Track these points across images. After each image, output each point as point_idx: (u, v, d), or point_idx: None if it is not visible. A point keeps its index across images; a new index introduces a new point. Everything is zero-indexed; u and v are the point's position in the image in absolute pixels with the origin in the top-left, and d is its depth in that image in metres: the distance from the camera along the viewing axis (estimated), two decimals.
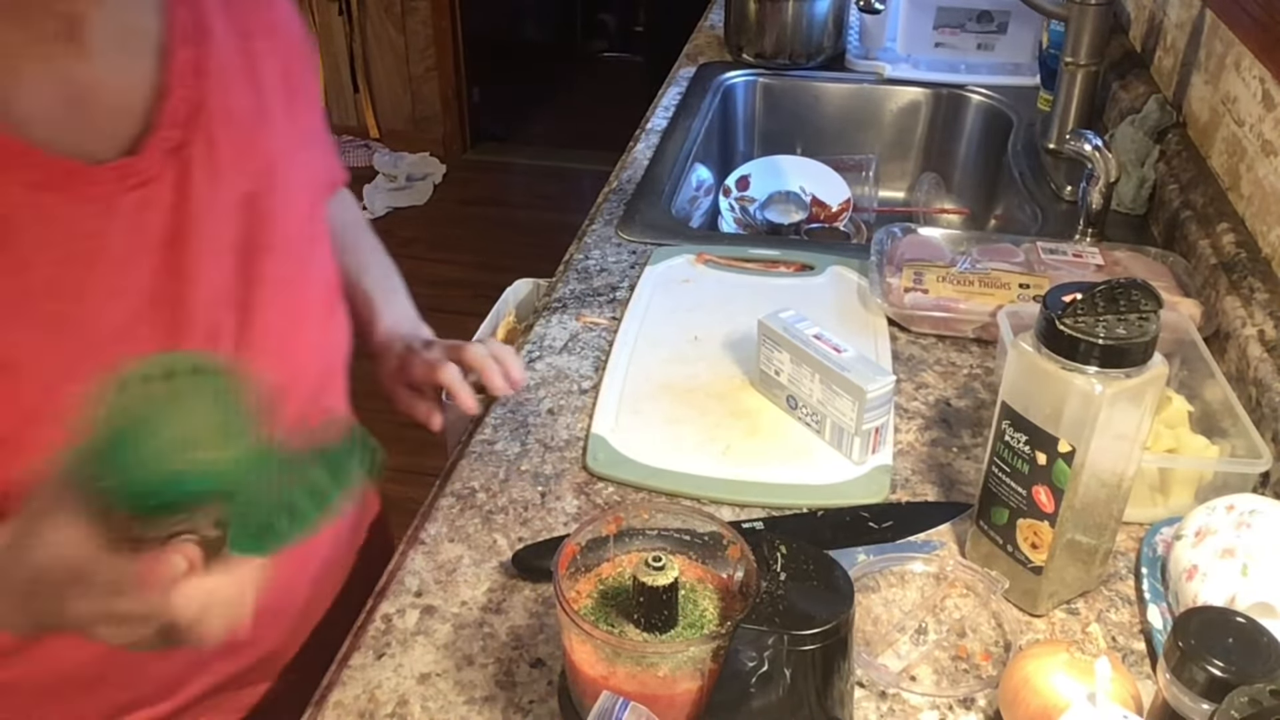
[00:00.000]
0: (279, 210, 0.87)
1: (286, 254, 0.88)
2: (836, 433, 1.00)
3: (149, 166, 0.79)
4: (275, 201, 0.87)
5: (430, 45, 3.95)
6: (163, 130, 0.80)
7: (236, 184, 0.84)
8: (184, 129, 0.81)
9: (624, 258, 1.35)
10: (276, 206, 0.87)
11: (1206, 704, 0.63)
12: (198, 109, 0.82)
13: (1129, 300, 0.75)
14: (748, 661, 0.66)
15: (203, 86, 0.83)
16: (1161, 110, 1.44)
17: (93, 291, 0.77)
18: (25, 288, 0.74)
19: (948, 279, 1.22)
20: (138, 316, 0.79)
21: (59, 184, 0.75)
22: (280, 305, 0.87)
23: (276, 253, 0.87)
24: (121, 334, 0.78)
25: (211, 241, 0.82)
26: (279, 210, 0.87)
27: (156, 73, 0.81)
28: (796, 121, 1.89)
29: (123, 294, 0.78)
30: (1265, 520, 0.80)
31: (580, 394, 1.10)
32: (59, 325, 0.75)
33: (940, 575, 0.88)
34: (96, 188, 0.77)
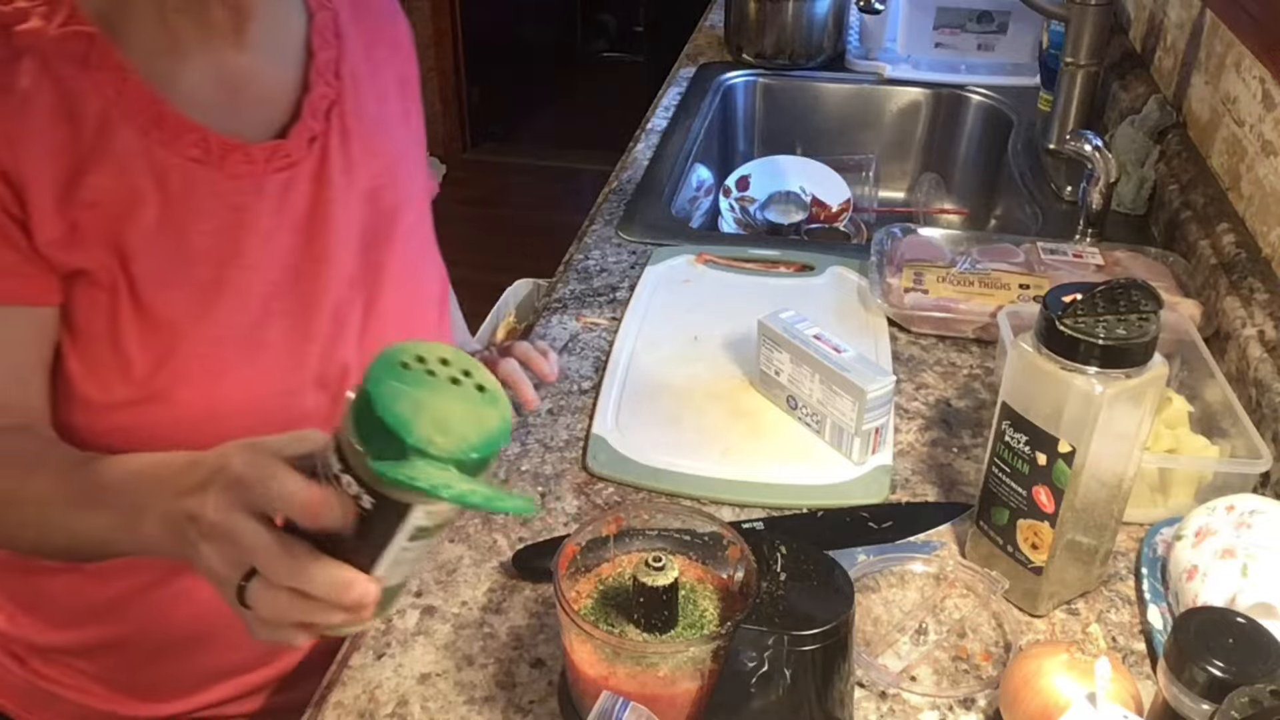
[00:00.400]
0: (399, 206, 0.95)
1: (406, 246, 0.96)
2: (836, 433, 1.00)
3: (294, 151, 0.88)
4: (396, 197, 0.95)
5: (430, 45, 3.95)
6: (305, 121, 0.89)
7: (363, 178, 0.92)
8: (323, 122, 0.90)
9: (624, 258, 1.35)
10: (397, 202, 0.95)
11: (1206, 704, 0.63)
12: (333, 105, 0.91)
13: (1129, 300, 0.75)
14: (748, 662, 0.66)
15: (339, 86, 0.92)
16: (1161, 110, 1.44)
17: (241, 262, 0.84)
18: (184, 252, 0.82)
19: (948, 279, 1.22)
20: (277, 289, 0.86)
21: (217, 159, 0.83)
22: (400, 293, 0.94)
23: (397, 244, 0.94)
24: (263, 305, 0.85)
25: (342, 227, 0.90)
26: (399, 206, 0.95)
27: (301, 69, 0.90)
28: (796, 121, 1.89)
29: (265, 267, 0.86)
30: (1265, 520, 0.80)
31: (580, 394, 1.10)
32: (212, 290, 0.83)
33: (940, 575, 0.88)
34: (249, 165, 0.85)
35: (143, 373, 0.80)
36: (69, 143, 0.78)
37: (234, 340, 0.83)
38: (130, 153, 0.80)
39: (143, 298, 0.80)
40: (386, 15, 1.01)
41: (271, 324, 0.86)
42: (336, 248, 0.89)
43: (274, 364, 0.85)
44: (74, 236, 0.78)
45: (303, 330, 0.87)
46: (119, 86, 0.79)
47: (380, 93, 0.97)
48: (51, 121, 0.77)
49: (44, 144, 0.77)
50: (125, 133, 0.79)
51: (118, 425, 0.81)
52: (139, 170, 0.80)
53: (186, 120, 0.82)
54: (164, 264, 0.81)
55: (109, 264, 0.79)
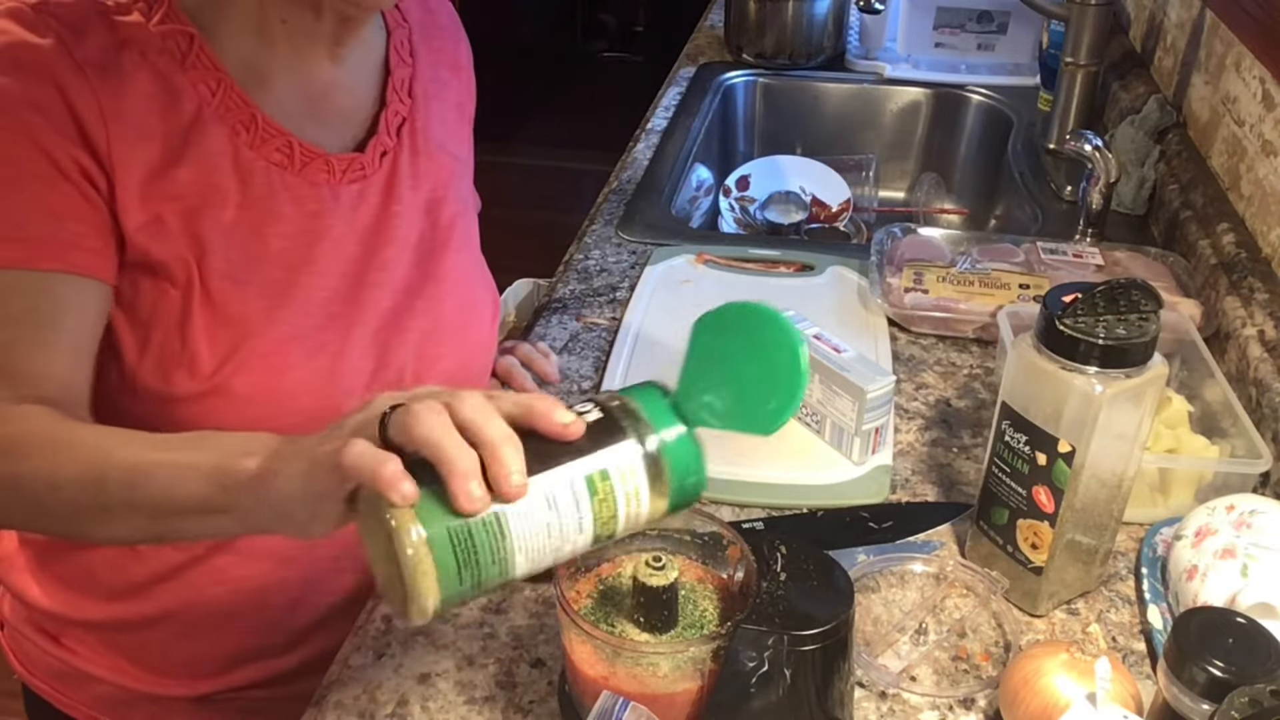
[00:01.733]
0: (455, 217, 0.98)
1: (460, 257, 0.99)
2: (836, 433, 1.00)
3: (367, 164, 0.90)
4: (452, 211, 0.98)
5: None
6: (380, 136, 0.92)
7: (424, 191, 0.95)
8: (394, 138, 0.93)
9: (624, 258, 1.35)
10: (453, 214, 0.98)
11: (1206, 704, 0.63)
12: (405, 122, 0.94)
13: (1129, 300, 0.75)
14: (748, 662, 0.66)
15: (410, 104, 0.95)
16: (1161, 110, 1.44)
17: (311, 267, 0.86)
18: (258, 253, 0.84)
19: (948, 279, 1.22)
20: (339, 294, 0.88)
21: (299, 166, 0.86)
22: (455, 302, 0.97)
23: (452, 255, 0.97)
24: (325, 308, 0.87)
25: (403, 238, 0.93)
26: (455, 217, 0.98)
27: (378, 85, 0.94)
28: (796, 121, 1.89)
29: (331, 273, 0.88)
30: (1265, 520, 0.80)
31: (580, 394, 1.10)
32: (281, 291, 0.85)
33: (940, 575, 0.88)
34: (328, 175, 0.87)
35: (209, 368, 0.81)
36: (162, 134, 0.79)
37: (297, 340, 0.85)
38: (218, 152, 0.81)
39: (214, 294, 0.81)
40: (451, 37, 1.04)
41: (332, 327, 0.87)
42: (396, 257, 0.92)
43: (332, 365, 0.87)
44: (157, 227, 0.79)
45: (361, 335, 0.89)
46: (214, 87, 0.81)
47: (443, 112, 1.00)
48: (148, 110, 0.79)
49: (139, 130, 0.78)
50: (216, 132, 0.81)
51: (173, 416, 0.81)
52: (224, 170, 0.82)
53: (276, 125, 0.84)
54: (238, 262, 0.82)
55: (185, 259, 0.80)
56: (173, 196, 0.80)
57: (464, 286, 0.99)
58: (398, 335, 0.91)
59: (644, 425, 0.59)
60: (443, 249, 0.96)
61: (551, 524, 0.57)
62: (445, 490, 0.54)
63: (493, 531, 0.55)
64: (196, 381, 0.81)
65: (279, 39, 0.84)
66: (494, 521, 0.55)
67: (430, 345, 0.93)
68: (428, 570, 0.54)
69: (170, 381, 0.81)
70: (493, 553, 0.56)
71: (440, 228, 0.97)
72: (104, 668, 0.96)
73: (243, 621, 0.93)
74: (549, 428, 0.57)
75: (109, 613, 0.93)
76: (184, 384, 0.81)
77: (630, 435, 0.59)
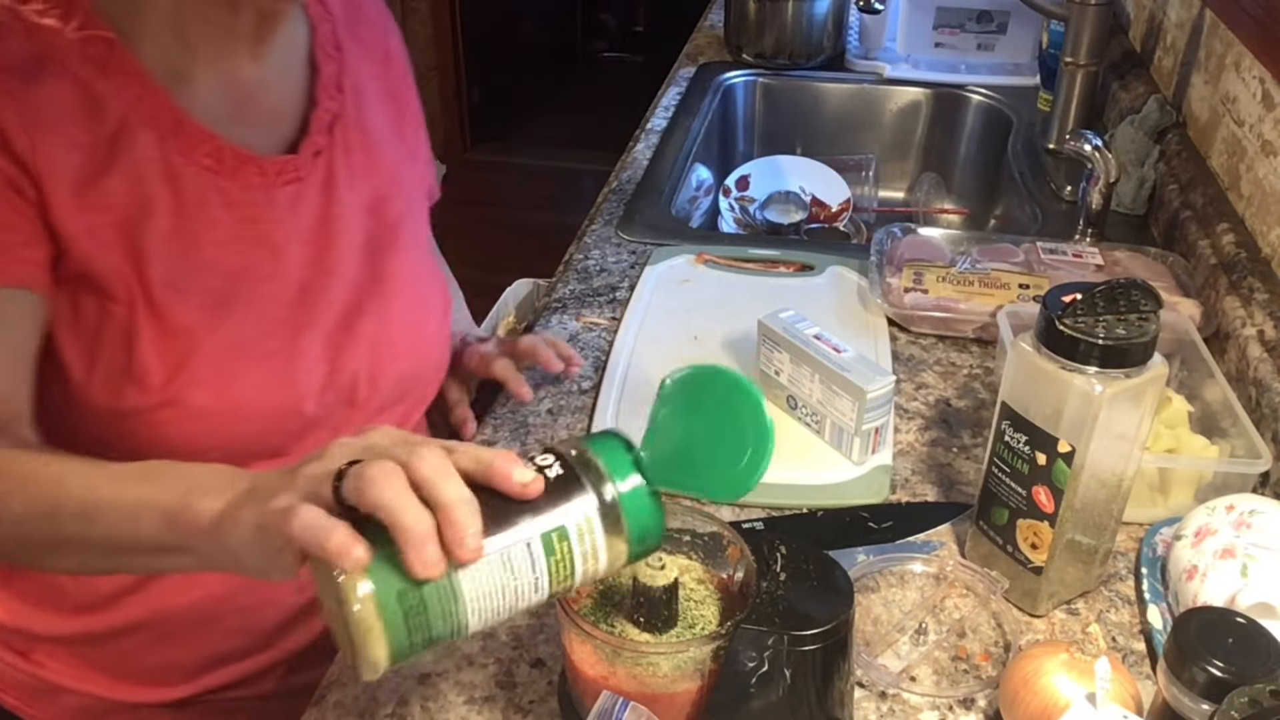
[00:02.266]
0: (401, 215, 0.96)
1: (409, 255, 0.97)
2: (836, 433, 1.00)
3: (302, 165, 0.88)
4: (397, 207, 0.96)
5: (430, 45, 3.95)
6: (312, 135, 0.89)
7: (365, 190, 0.93)
8: (327, 136, 0.90)
9: (624, 258, 1.35)
10: (399, 211, 0.96)
11: (1206, 704, 0.63)
12: (336, 119, 0.92)
13: (1129, 300, 0.75)
14: (748, 662, 0.66)
15: (341, 100, 0.92)
16: (1161, 110, 1.44)
17: (252, 273, 0.85)
18: (197, 261, 0.82)
19: (948, 279, 1.22)
20: (287, 299, 0.87)
21: (230, 170, 0.83)
22: (406, 301, 0.95)
23: (401, 254, 0.95)
24: (273, 314, 0.86)
25: (348, 239, 0.91)
26: (401, 215, 0.96)
27: (306, 82, 0.91)
28: (796, 121, 1.89)
29: (275, 278, 0.86)
30: (1265, 520, 0.80)
31: (580, 394, 1.10)
32: (225, 299, 0.83)
33: (940, 575, 0.88)
34: (261, 177, 0.85)
35: (159, 380, 0.80)
36: (88, 143, 0.77)
37: (245, 347, 0.84)
38: (147, 159, 0.79)
39: (159, 306, 0.80)
40: (379, 28, 1.01)
41: (282, 332, 0.86)
42: (343, 259, 0.90)
43: (285, 371, 0.86)
44: (93, 240, 0.77)
45: (313, 338, 0.88)
46: (138, 92, 0.79)
47: (378, 105, 0.97)
48: (72, 119, 0.77)
49: (64, 139, 0.76)
50: (144, 138, 0.79)
51: (126, 431, 0.81)
52: (154, 177, 0.80)
53: (203, 129, 0.82)
54: (178, 271, 0.80)
55: (124, 271, 0.78)
56: (105, 207, 0.78)
57: (414, 285, 0.97)
58: (350, 338, 0.90)
59: (603, 478, 0.58)
60: (391, 248, 0.95)
61: (506, 585, 0.57)
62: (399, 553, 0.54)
63: (445, 594, 0.55)
64: (147, 395, 0.80)
65: (198, 40, 0.82)
66: (447, 585, 0.55)
67: (383, 346, 0.92)
68: (377, 631, 0.54)
69: (121, 397, 0.80)
70: (444, 614, 0.55)
71: (387, 226, 0.95)
72: (76, 679, 0.95)
73: (213, 626, 0.93)
74: (508, 488, 0.56)
75: (77, 626, 0.92)
76: (135, 398, 0.80)
77: (589, 489, 0.58)
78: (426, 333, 0.99)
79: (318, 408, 0.88)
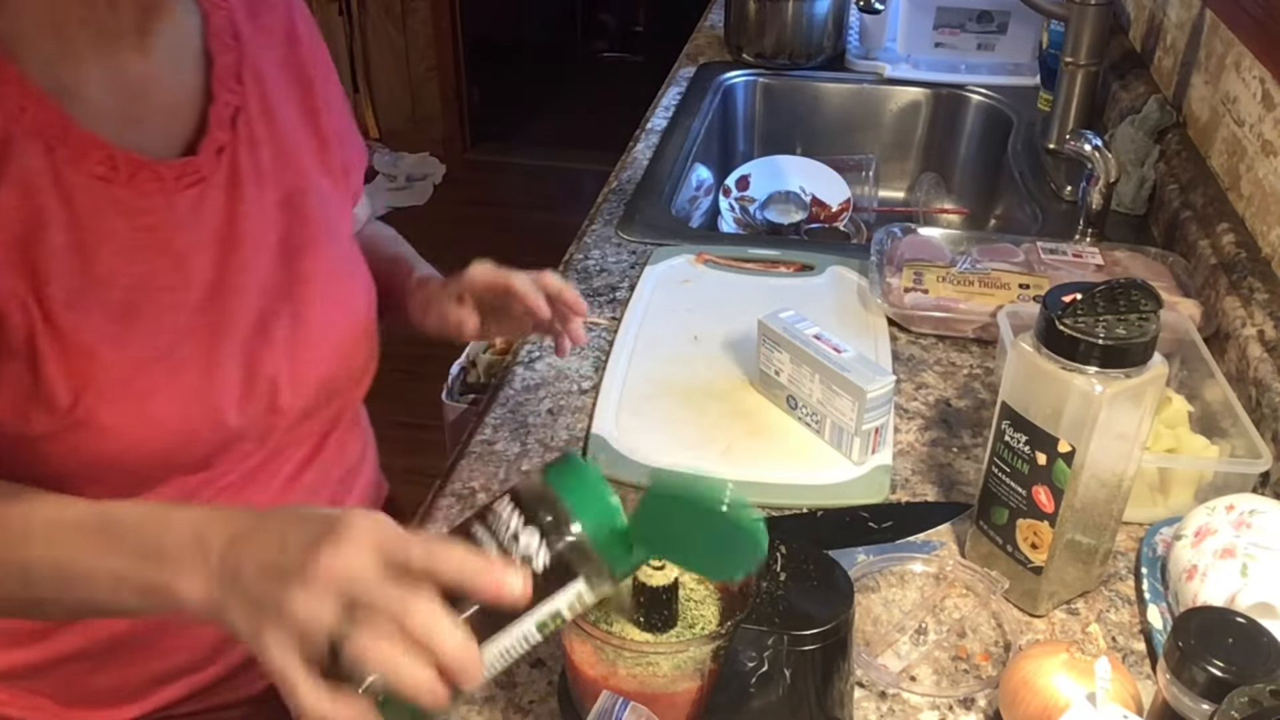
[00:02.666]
0: (315, 209, 0.91)
1: (329, 253, 0.92)
2: (836, 433, 1.00)
3: (203, 165, 0.83)
4: (311, 201, 0.91)
5: (430, 45, 3.95)
6: (212, 132, 0.84)
7: (277, 185, 0.88)
8: (229, 131, 0.85)
9: (624, 258, 1.35)
10: (313, 206, 0.91)
11: (1206, 704, 0.63)
12: (238, 112, 0.86)
13: (1129, 300, 0.75)
14: (748, 661, 0.66)
15: (242, 92, 0.87)
16: (1161, 110, 1.44)
17: (154, 283, 0.80)
18: (94, 275, 0.78)
19: (948, 279, 1.22)
20: (195, 306, 0.82)
21: (125, 178, 0.79)
22: (327, 302, 0.91)
23: (320, 251, 0.90)
24: (182, 323, 0.82)
25: (258, 238, 0.86)
26: (315, 209, 0.91)
27: (202, 76, 0.85)
28: (796, 121, 1.89)
29: (181, 286, 0.82)
30: (1265, 520, 0.80)
31: (580, 394, 1.10)
32: (127, 312, 0.79)
33: (940, 575, 0.88)
34: (159, 183, 0.80)
35: (66, 402, 0.76)
36: None
37: (155, 361, 0.80)
38: (35, 171, 0.75)
39: (59, 325, 0.75)
40: (281, 11, 0.94)
41: (193, 341, 0.82)
42: (253, 259, 0.86)
43: (198, 382, 0.82)
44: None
45: (226, 346, 0.84)
46: (21, 103, 0.74)
47: (287, 93, 0.92)
48: None
49: None
50: (29, 150, 0.74)
51: (37, 454, 0.77)
52: (44, 190, 0.75)
53: (93, 137, 0.77)
54: (75, 288, 0.76)
55: (20, 291, 0.74)
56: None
57: (335, 283, 0.92)
58: (266, 343, 0.85)
59: (598, 566, 0.59)
60: (308, 245, 0.89)
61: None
62: None
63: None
64: (55, 418, 0.76)
65: (79, 40, 0.77)
66: None
67: (302, 350, 0.88)
68: None
69: (28, 420, 0.76)
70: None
71: (306, 223, 0.90)
72: (25, 708, 0.92)
73: (157, 645, 0.90)
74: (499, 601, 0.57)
75: (18, 659, 0.89)
76: (43, 421, 0.76)
77: (582, 577, 0.59)
78: (350, 333, 0.94)
79: (239, 418, 0.84)
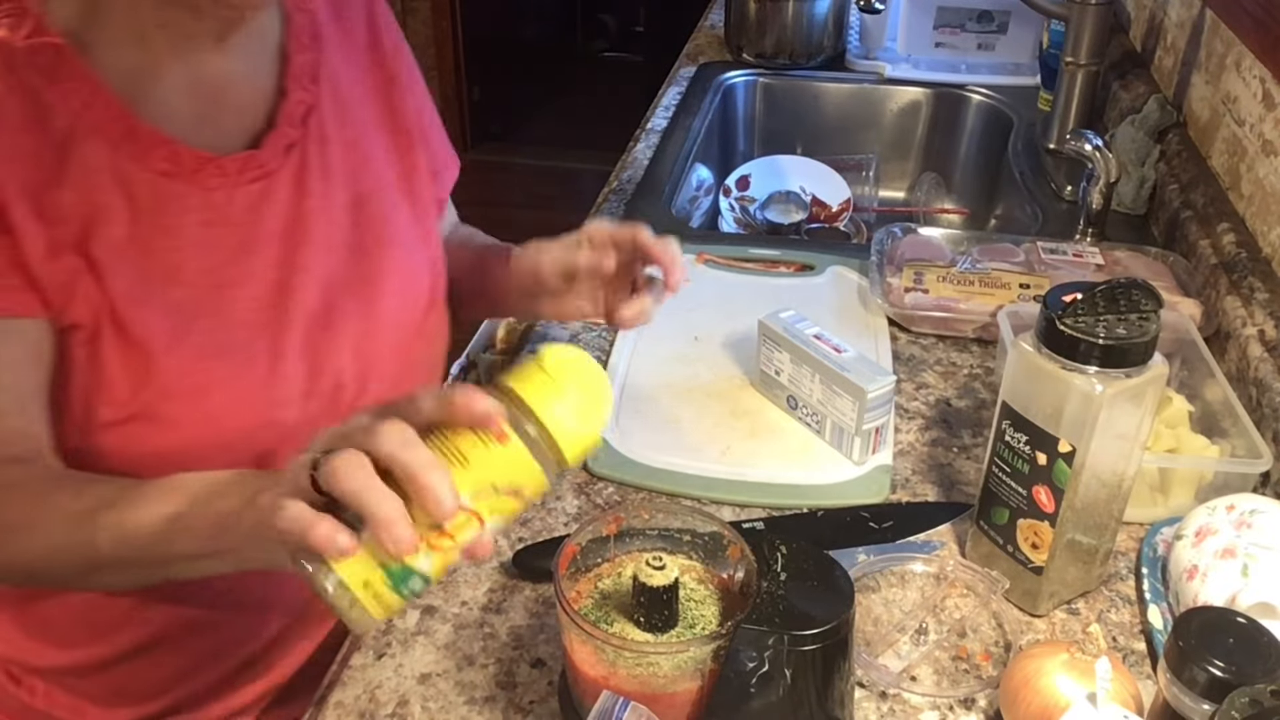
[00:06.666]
0: (385, 210, 0.92)
1: (399, 253, 0.92)
2: (837, 433, 1.00)
3: (269, 160, 0.84)
4: (382, 202, 0.92)
5: (430, 45, 3.94)
6: (281, 128, 0.85)
7: (347, 184, 0.89)
8: (299, 128, 0.86)
9: None
10: (383, 207, 0.92)
11: (1207, 704, 0.63)
12: (311, 111, 0.87)
13: (1129, 300, 0.75)
14: (748, 661, 0.66)
15: (316, 91, 0.88)
16: (1162, 110, 1.44)
17: (215, 278, 0.82)
18: (155, 270, 0.79)
19: (948, 279, 1.22)
20: (258, 302, 0.83)
21: (189, 173, 0.80)
22: (396, 301, 0.92)
23: (390, 251, 0.91)
24: (244, 319, 0.83)
25: (325, 236, 0.87)
26: (385, 210, 0.92)
27: (276, 74, 0.87)
28: (796, 121, 1.89)
29: (243, 281, 0.83)
30: (1266, 520, 0.80)
31: None
32: (188, 308, 0.80)
33: (940, 575, 0.88)
34: (222, 177, 0.81)
35: (125, 394, 0.78)
36: (36, 155, 0.75)
37: (217, 356, 0.81)
38: (97, 167, 0.77)
39: (121, 316, 0.77)
40: (362, 14, 0.96)
41: (256, 337, 0.83)
42: (319, 257, 0.86)
43: (261, 377, 0.83)
44: (53, 253, 0.75)
45: (291, 342, 0.85)
46: (87, 99, 0.76)
47: (363, 95, 0.93)
48: (21, 131, 0.74)
49: (14, 152, 0.74)
50: (93, 147, 0.76)
51: (102, 446, 0.79)
52: (106, 186, 0.77)
53: (158, 134, 0.79)
54: (136, 282, 0.78)
55: (84, 284, 0.76)
56: (60, 219, 0.75)
57: (403, 284, 0.93)
58: (331, 339, 0.87)
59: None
60: (379, 245, 0.91)
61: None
62: None
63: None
64: (115, 409, 0.78)
65: (158, 43, 0.79)
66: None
67: (369, 345, 0.89)
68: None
69: (93, 410, 0.78)
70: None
71: (375, 223, 0.90)
72: (65, 709, 0.95)
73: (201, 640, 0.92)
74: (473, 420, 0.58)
75: (68, 659, 0.92)
76: (105, 412, 0.78)
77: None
78: (415, 334, 0.95)
79: (300, 415, 0.85)
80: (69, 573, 0.76)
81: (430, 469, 0.56)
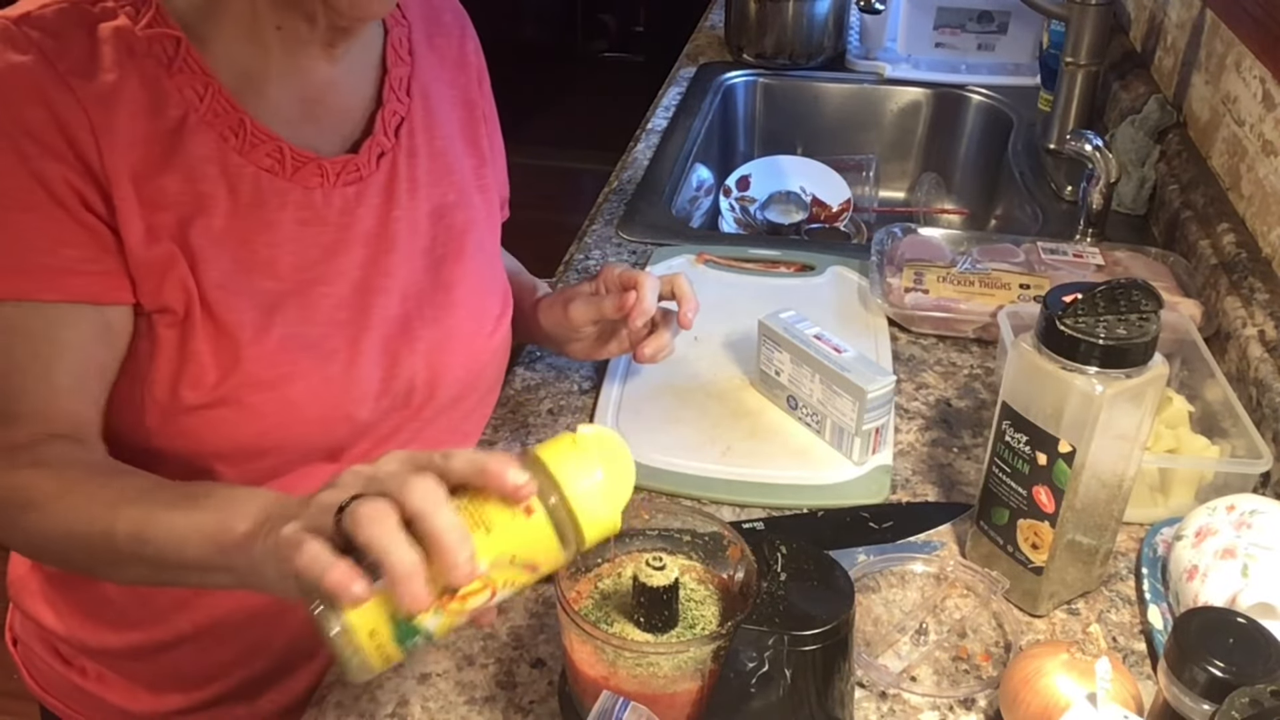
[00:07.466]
0: (464, 222, 0.96)
1: (474, 265, 0.96)
2: (837, 433, 1.00)
3: (363, 166, 0.88)
4: (461, 215, 0.95)
5: None
6: (376, 136, 0.89)
7: (430, 195, 0.93)
8: (391, 139, 0.90)
9: (624, 258, 1.34)
10: (462, 219, 0.95)
11: (1207, 704, 0.63)
12: (403, 122, 0.91)
13: (1129, 300, 0.75)
14: (748, 662, 0.66)
15: (409, 104, 0.92)
16: (1162, 110, 1.44)
17: (309, 274, 0.85)
18: (249, 261, 0.82)
19: (948, 279, 1.22)
20: (344, 303, 0.86)
21: (290, 170, 0.84)
22: (468, 311, 0.95)
23: (466, 263, 0.95)
24: (328, 316, 0.86)
25: (408, 245, 0.91)
26: (464, 222, 0.96)
27: (375, 84, 0.92)
28: (796, 121, 1.89)
29: (331, 279, 0.86)
30: (1265, 520, 0.80)
31: (580, 394, 1.10)
32: (279, 300, 0.83)
33: (940, 576, 0.88)
34: (321, 177, 0.85)
35: (212, 379, 0.80)
36: (147, 140, 0.77)
37: (303, 349, 0.83)
38: (205, 159, 0.80)
39: (211, 305, 0.80)
40: (456, 35, 1.01)
41: (340, 334, 0.86)
42: (401, 263, 0.90)
43: (342, 374, 0.85)
44: (152, 237, 0.77)
45: (370, 342, 0.87)
46: (201, 92, 0.80)
47: (449, 112, 0.97)
48: (135, 115, 0.77)
49: (128, 138, 0.76)
50: (203, 138, 0.80)
51: (184, 430, 0.81)
52: (211, 177, 0.80)
53: (265, 130, 0.82)
54: (230, 272, 0.80)
55: (179, 269, 0.79)
56: (161, 206, 0.78)
57: (477, 295, 0.96)
58: (407, 344, 0.90)
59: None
60: (454, 256, 0.94)
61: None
62: None
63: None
64: (200, 393, 0.80)
65: (273, 44, 0.82)
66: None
67: (441, 354, 0.92)
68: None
69: (176, 393, 0.80)
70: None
71: (452, 233, 0.94)
72: (115, 692, 0.96)
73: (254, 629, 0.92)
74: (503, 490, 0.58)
75: (124, 640, 0.93)
76: (190, 395, 0.80)
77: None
78: (486, 344, 0.98)
79: (372, 413, 0.87)
80: (83, 558, 0.76)
81: (456, 535, 0.56)
